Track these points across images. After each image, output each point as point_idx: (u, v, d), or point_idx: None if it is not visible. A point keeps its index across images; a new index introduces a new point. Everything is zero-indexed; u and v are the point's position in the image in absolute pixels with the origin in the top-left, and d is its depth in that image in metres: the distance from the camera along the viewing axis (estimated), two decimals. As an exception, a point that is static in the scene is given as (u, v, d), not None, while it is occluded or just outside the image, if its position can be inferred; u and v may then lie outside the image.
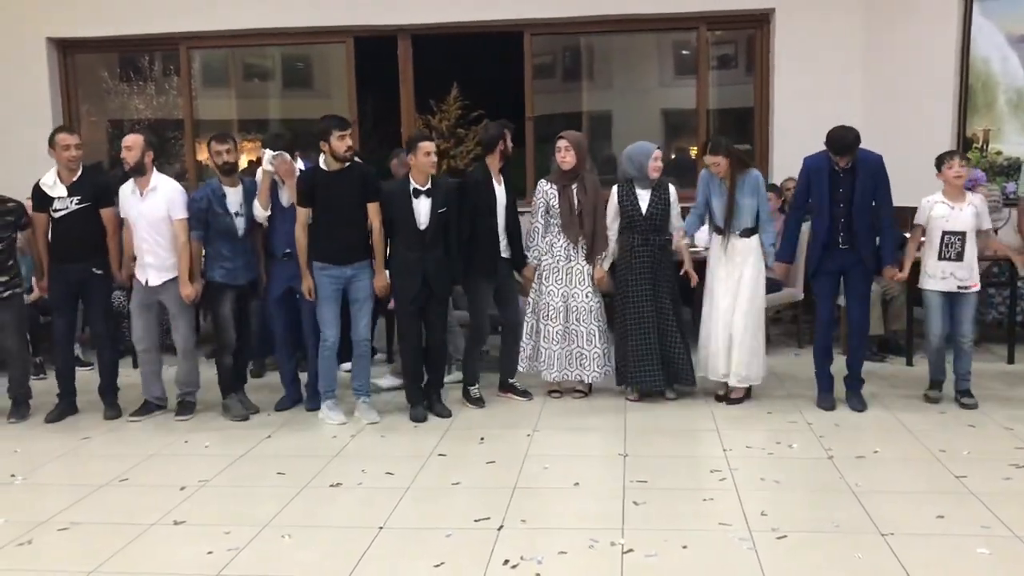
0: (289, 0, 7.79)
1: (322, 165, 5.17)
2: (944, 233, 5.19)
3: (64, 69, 8.24)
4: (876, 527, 3.60)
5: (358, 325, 5.29)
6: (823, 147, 5.18)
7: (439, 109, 12.24)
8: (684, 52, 8.92)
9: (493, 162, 5.48)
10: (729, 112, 8.66)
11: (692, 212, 5.51)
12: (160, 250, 5.31)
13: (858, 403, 5.32)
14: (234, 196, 5.34)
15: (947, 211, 5.20)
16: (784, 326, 7.48)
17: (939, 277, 5.23)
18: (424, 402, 5.39)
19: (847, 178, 5.14)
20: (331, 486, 4.26)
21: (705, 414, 5.28)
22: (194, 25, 7.94)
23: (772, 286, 6.59)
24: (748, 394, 5.50)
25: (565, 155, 5.44)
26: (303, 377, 5.65)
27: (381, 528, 3.73)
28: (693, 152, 8.30)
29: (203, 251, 5.40)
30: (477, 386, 5.62)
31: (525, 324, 5.64)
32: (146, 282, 5.36)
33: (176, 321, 5.44)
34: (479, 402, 5.56)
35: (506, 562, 3.37)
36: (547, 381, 5.66)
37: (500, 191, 5.48)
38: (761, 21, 7.73)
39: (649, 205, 5.40)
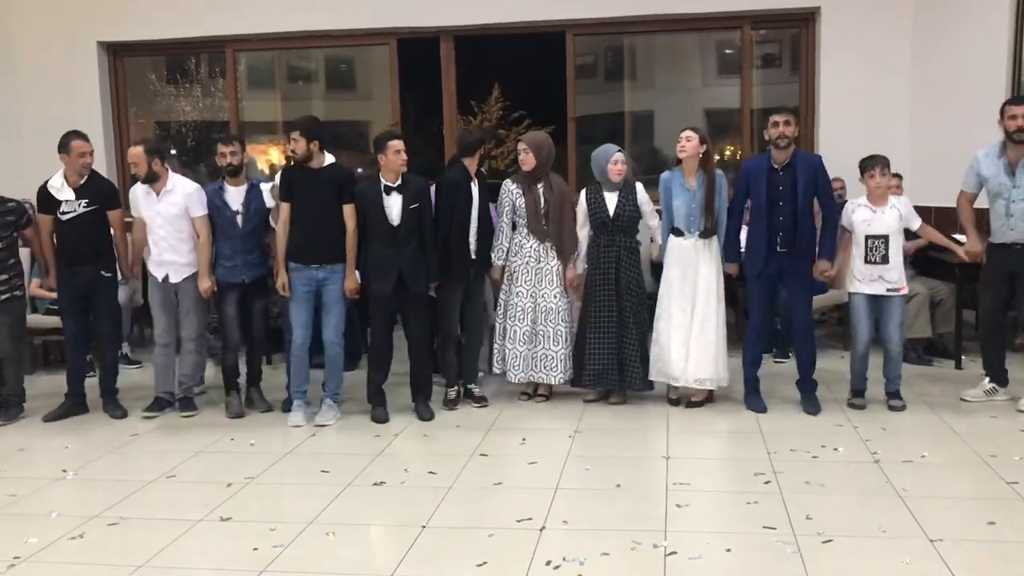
0: (333, 3, 7.86)
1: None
2: (867, 237, 5.19)
3: (114, 72, 8.39)
4: (924, 532, 3.55)
5: (327, 328, 5.31)
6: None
7: (480, 110, 12.26)
8: (727, 51, 8.84)
9: (471, 164, 5.48)
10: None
11: (664, 217, 5.44)
12: (180, 247, 5.42)
13: (811, 406, 5.29)
14: (235, 194, 5.44)
15: (869, 215, 5.19)
16: (829, 327, 7.39)
17: (867, 280, 5.21)
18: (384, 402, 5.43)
19: (786, 178, 5.12)
20: (374, 485, 4.29)
21: (749, 417, 5.23)
22: (240, 28, 8.04)
23: (817, 287, 6.52)
24: (710, 397, 5.47)
25: (524, 158, 5.47)
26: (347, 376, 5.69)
27: (424, 527, 3.75)
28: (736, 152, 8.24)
29: None
30: (456, 388, 5.63)
31: (496, 326, 5.65)
32: (164, 279, 5.45)
33: (188, 317, 5.53)
34: (452, 404, 5.57)
35: (548, 563, 3.37)
36: (512, 383, 5.65)
37: (475, 193, 5.47)
38: (806, 20, 7.64)
39: (616, 207, 5.40)
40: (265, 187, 5.54)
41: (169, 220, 5.40)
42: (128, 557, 3.54)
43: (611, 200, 5.41)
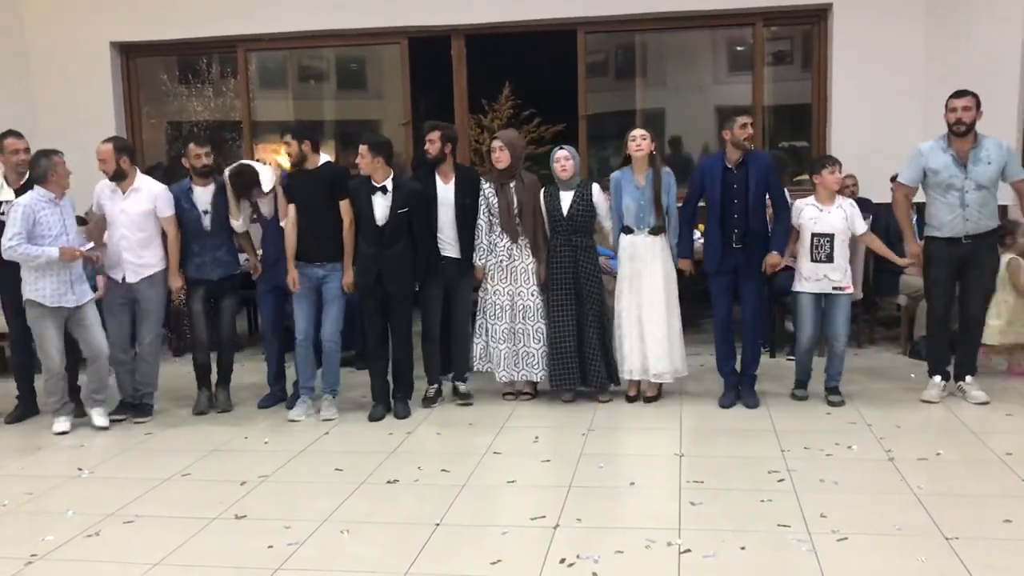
0: (344, 2, 7.86)
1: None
2: (813, 235, 5.28)
3: (126, 72, 8.43)
4: (940, 530, 3.54)
5: (325, 325, 5.37)
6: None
7: (491, 108, 12.19)
8: (739, 48, 8.81)
9: (444, 163, 5.52)
10: (785, 109, 8.53)
11: (615, 216, 5.49)
12: (139, 248, 5.42)
13: (751, 399, 5.40)
14: (203, 194, 5.51)
15: (816, 213, 5.30)
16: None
17: (813, 279, 5.31)
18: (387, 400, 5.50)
19: (739, 177, 5.23)
20: (388, 482, 4.30)
21: (762, 415, 5.23)
22: (251, 28, 8.06)
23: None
24: (660, 392, 5.55)
25: (499, 155, 5.48)
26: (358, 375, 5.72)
27: (438, 525, 3.76)
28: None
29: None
30: (436, 385, 5.68)
31: (476, 324, 5.67)
32: (123, 279, 5.44)
33: (145, 319, 5.54)
34: (431, 401, 5.62)
35: (562, 560, 3.37)
36: (500, 382, 5.68)
37: (446, 189, 5.49)
38: (819, 16, 7.61)
39: (570, 207, 5.44)
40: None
41: (133, 219, 5.39)
42: (144, 555, 3.56)
43: (565, 199, 5.46)
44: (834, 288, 5.28)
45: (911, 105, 7.31)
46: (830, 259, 5.24)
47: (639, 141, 5.32)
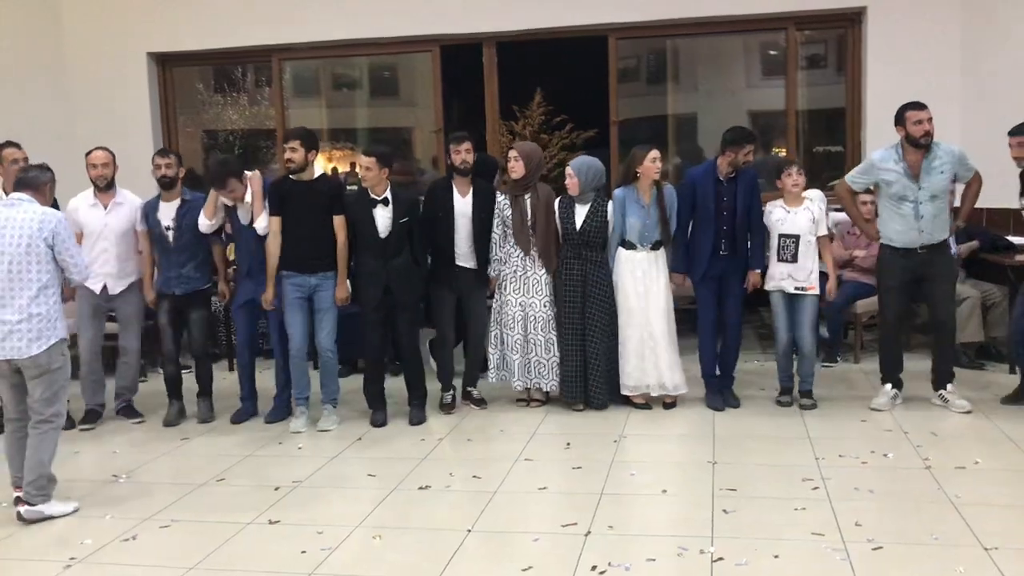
0: (377, 10, 7.92)
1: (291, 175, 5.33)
2: (780, 236, 5.37)
3: (163, 82, 8.54)
4: (978, 541, 3.48)
5: (321, 334, 5.38)
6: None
7: (522, 115, 12.21)
8: (772, 52, 8.75)
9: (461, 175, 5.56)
10: (819, 113, 8.46)
11: (615, 232, 5.47)
12: (121, 260, 5.51)
13: (732, 399, 5.54)
14: (166, 210, 5.52)
15: (783, 215, 5.39)
16: (877, 332, 7.27)
17: (779, 278, 5.40)
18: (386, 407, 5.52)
19: (730, 188, 5.32)
20: (420, 488, 4.31)
21: (796, 422, 5.18)
22: (286, 37, 8.14)
23: (866, 291, 6.44)
24: (675, 400, 5.58)
25: (514, 165, 5.50)
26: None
27: (469, 531, 3.76)
28: (782, 153, 8.15)
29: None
30: (451, 392, 5.68)
31: (491, 334, 5.67)
32: (103, 290, 5.49)
33: (126, 328, 5.63)
34: (448, 408, 5.63)
35: (594, 568, 3.37)
36: (515, 390, 5.69)
37: (463, 202, 5.51)
38: (852, 20, 7.54)
39: (584, 221, 5.44)
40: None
41: (117, 233, 5.47)
42: (180, 559, 3.60)
43: (580, 213, 5.46)
44: (796, 288, 5.33)
45: (948, 108, 7.18)
46: (794, 259, 5.32)
47: (659, 163, 5.38)
